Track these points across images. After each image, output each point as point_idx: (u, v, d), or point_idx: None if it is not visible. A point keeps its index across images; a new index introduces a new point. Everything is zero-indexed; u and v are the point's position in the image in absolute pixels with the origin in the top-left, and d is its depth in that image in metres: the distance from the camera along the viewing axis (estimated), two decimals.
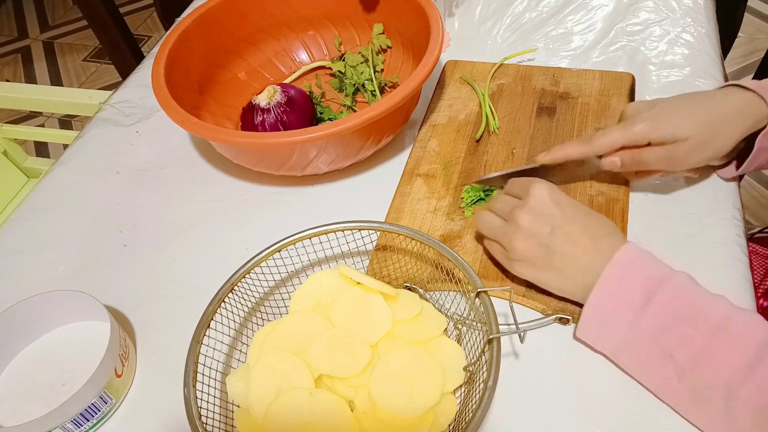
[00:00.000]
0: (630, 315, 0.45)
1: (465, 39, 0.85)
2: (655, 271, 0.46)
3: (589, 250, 0.48)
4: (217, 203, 0.68)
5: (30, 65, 2.40)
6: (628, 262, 0.46)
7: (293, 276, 0.57)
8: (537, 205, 0.49)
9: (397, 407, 0.44)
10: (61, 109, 1.09)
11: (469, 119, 0.71)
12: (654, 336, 0.44)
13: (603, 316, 0.46)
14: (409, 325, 0.50)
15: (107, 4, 1.40)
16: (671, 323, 0.43)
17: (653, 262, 0.47)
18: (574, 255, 0.48)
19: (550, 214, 0.49)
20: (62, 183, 0.73)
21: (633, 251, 0.47)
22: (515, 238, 0.49)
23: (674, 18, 0.82)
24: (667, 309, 0.44)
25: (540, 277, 0.50)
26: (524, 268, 0.50)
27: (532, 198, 0.49)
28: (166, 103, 0.61)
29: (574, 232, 0.48)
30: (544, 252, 0.48)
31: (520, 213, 0.49)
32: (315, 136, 0.56)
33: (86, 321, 0.57)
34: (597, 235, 0.48)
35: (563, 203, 0.49)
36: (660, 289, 0.44)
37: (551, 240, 0.48)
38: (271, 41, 0.80)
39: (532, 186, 0.50)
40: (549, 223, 0.48)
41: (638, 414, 0.46)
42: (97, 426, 0.50)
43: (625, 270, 0.46)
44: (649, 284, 0.45)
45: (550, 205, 0.49)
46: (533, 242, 0.49)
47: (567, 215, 0.49)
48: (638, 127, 0.53)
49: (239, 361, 0.52)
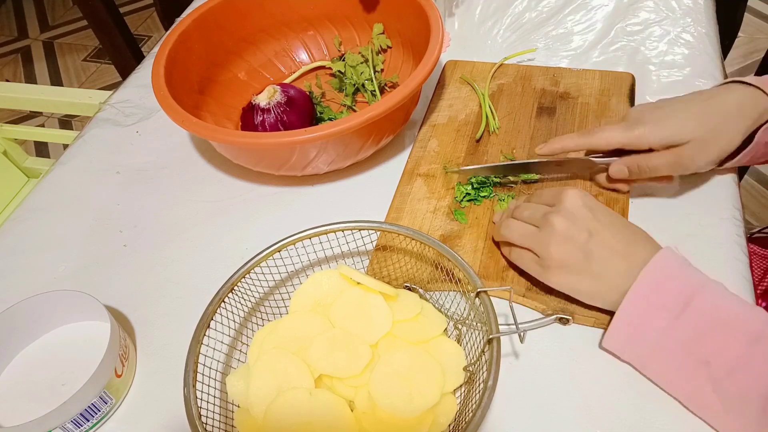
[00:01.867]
0: (665, 321, 0.44)
1: (465, 39, 0.85)
2: (692, 277, 0.45)
3: (625, 255, 0.47)
4: (217, 203, 0.68)
5: (30, 65, 2.40)
6: (666, 267, 0.45)
7: (293, 276, 0.57)
8: (572, 209, 0.48)
9: (397, 407, 0.44)
10: (61, 109, 1.09)
11: (469, 119, 0.71)
12: (689, 343, 0.43)
13: (636, 321, 0.45)
14: (409, 325, 0.50)
15: (107, 4, 1.40)
16: (708, 330, 0.43)
17: (690, 269, 0.46)
18: (611, 260, 0.47)
19: (586, 219, 0.48)
20: (62, 183, 0.73)
21: (670, 257, 0.46)
22: (552, 243, 0.48)
23: (674, 18, 0.82)
24: (705, 316, 0.43)
25: (576, 283, 0.49)
26: (560, 275, 0.49)
27: (566, 203, 0.49)
28: (166, 103, 0.61)
29: (610, 238, 0.47)
30: (582, 257, 0.47)
31: (556, 217, 0.48)
32: (315, 136, 0.56)
33: (86, 321, 0.57)
34: (633, 242, 0.48)
35: (597, 209, 0.49)
36: (697, 296, 0.43)
37: (589, 244, 0.47)
38: (271, 41, 0.80)
39: (565, 192, 0.50)
40: (586, 228, 0.48)
41: (638, 414, 0.46)
42: (97, 426, 0.50)
43: (663, 275, 0.45)
44: (687, 290, 0.44)
45: (584, 210, 0.48)
46: (570, 246, 0.48)
47: (602, 221, 0.48)
48: (639, 131, 0.53)
49: (239, 361, 0.52)
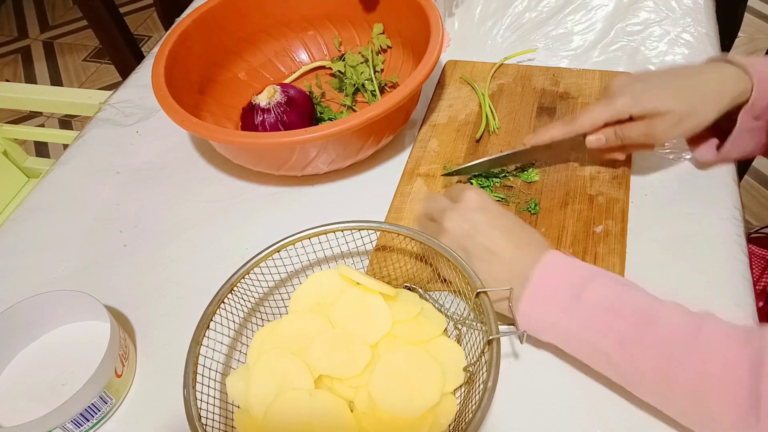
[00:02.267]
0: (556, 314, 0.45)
1: (465, 39, 0.84)
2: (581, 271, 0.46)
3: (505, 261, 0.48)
4: (217, 203, 0.68)
5: (30, 65, 2.40)
6: (556, 265, 0.47)
7: (293, 276, 0.57)
8: (462, 208, 0.50)
9: (397, 407, 0.44)
10: (61, 109, 1.10)
11: (469, 119, 0.71)
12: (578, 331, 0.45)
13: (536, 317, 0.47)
14: (409, 325, 0.50)
15: (107, 4, 1.40)
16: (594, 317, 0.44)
17: (578, 265, 0.47)
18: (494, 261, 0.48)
19: (475, 220, 0.49)
20: (62, 183, 0.73)
21: (557, 256, 0.47)
22: (441, 239, 0.50)
23: (674, 18, 0.82)
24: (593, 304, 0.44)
25: None
26: None
27: (462, 201, 0.50)
28: (166, 103, 0.61)
29: (495, 240, 0.48)
30: (464, 255, 0.49)
31: (448, 215, 0.50)
32: (315, 136, 0.56)
33: (86, 321, 0.57)
34: (520, 245, 0.48)
35: (492, 210, 0.50)
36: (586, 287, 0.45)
37: (469, 244, 0.49)
38: (271, 41, 0.80)
39: (465, 192, 0.51)
40: (472, 228, 0.49)
41: (638, 414, 0.46)
42: (97, 426, 0.50)
43: (554, 273, 0.46)
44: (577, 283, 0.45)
45: (476, 210, 0.50)
46: (455, 245, 0.49)
47: (494, 223, 0.49)
48: (620, 102, 0.53)
49: (239, 362, 0.52)
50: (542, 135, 0.58)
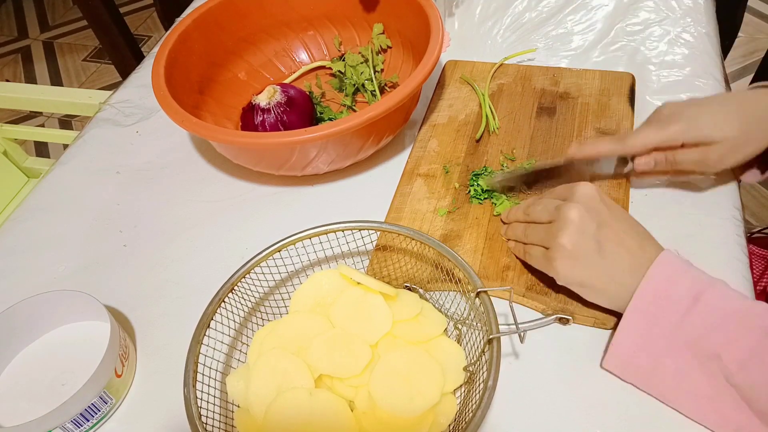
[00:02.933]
0: (676, 315, 0.44)
1: (465, 39, 0.84)
2: (698, 275, 0.45)
3: (634, 252, 0.47)
4: (217, 203, 0.68)
5: (30, 65, 2.40)
6: (674, 263, 0.46)
7: (293, 276, 0.57)
8: (585, 200, 0.48)
9: (397, 407, 0.44)
10: (61, 109, 1.09)
11: (469, 119, 0.71)
12: (699, 338, 0.43)
13: (649, 319, 0.45)
14: (409, 325, 0.50)
15: (107, 4, 1.40)
16: (719, 325, 0.42)
17: (694, 267, 0.46)
18: (621, 254, 0.47)
19: (600, 210, 0.48)
20: (62, 183, 0.73)
21: (673, 257, 0.46)
22: (563, 234, 0.47)
23: (674, 18, 0.82)
24: (715, 311, 0.43)
25: (583, 276, 0.48)
26: (568, 267, 0.48)
27: (578, 195, 0.49)
28: (166, 103, 0.61)
29: (622, 234, 0.47)
30: (593, 248, 0.47)
31: (570, 207, 0.48)
32: (315, 136, 0.56)
33: (86, 321, 0.57)
34: (643, 241, 0.48)
35: (609, 203, 0.49)
36: (707, 290, 0.44)
37: (600, 236, 0.47)
38: (271, 41, 0.80)
39: (578, 185, 0.50)
40: (598, 219, 0.48)
41: (638, 414, 0.46)
42: (97, 426, 0.50)
43: (670, 271, 0.45)
44: (695, 287, 0.44)
45: (597, 202, 0.48)
46: (583, 237, 0.47)
47: (615, 215, 0.48)
48: (673, 128, 0.52)
49: (239, 361, 0.52)
50: (589, 148, 0.56)
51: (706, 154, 0.52)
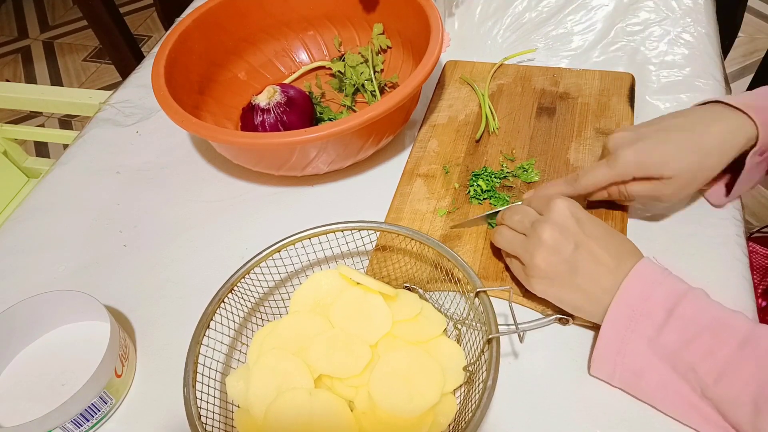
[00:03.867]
0: (651, 329, 0.43)
1: (465, 39, 0.85)
2: (674, 285, 0.45)
3: (612, 270, 0.46)
4: (217, 203, 0.68)
5: (30, 65, 2.40)
6: (647, 276, 0.45)
7: (293, 276, 0.57)
8: (560, 220, 0.48)
9: (397, 407, 0.44)
10: (61, 109, 1.10)
11: (469, 119, 0.71)
12: (676, 350, 0.43)
13: (623, 333, 0.45)
14: (409, 325, 0.50)
15: (107, 4, 1.40)
16: (695, 336, 0.42)
17: (670, 277, 0.45)
18: (597, 274, 0.46)
19: (574, 230, 0.47)
20: (62, 183, 0.73)
21: (649, 266, 0.46)
22: (537, 254, 0.47)
23: (674, 18, 0.82)
24: (691, 322, 0.43)
25: (560, 295, 0.48)
26: (544, 285, 0.48)
27: (554, 213, 0.48)
28: (166, 103, 0.61)
29: (597, 251, 0.47)
30: (567, 270, 0.47)
31: (543, 227, 0.48)
32: (315, 137, 0.56)
33: (86, 321, 0.57)
34: (620, 255, 0.47)
35: (585, 220, 0.48)
36: (681, 303, 0.43)
37: (575, 257, 0.47)
38: (271, 41, 0.80)
39: (554, 201, 0.49)
40: (573, 240, 0.47)
41: (638, 413, 0.46)
42: (97, 426, 0.50)
43: (645, 284, 0.45)
44: (670, 297, 0.44)
45: (572, 221, 0.47)
46: (556, 259, 0.47)
47: (590, 233, 0.47)
48: (621, 165, 0.51)
49: (239, 361, 0.52)
50: (542, 193, 0.55)
51: (659, 188, 0.51)
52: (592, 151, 0.65)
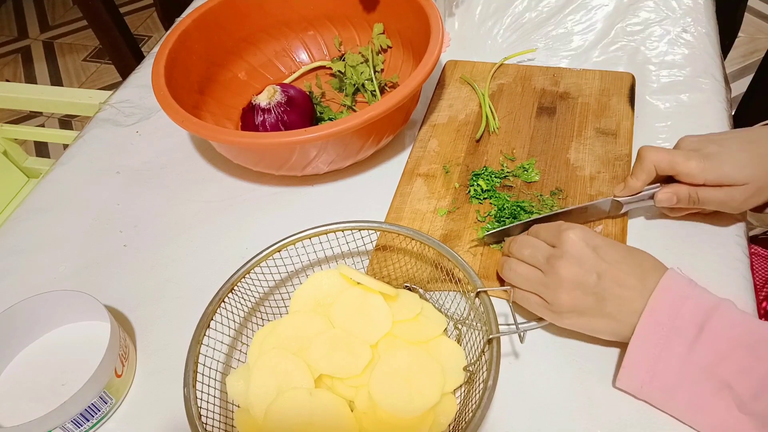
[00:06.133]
0: (683, 347, 0.42)
1: (465, 39, 0.84)
2: (702, 298, 0.44)
3: (639, 290, 0.45)
4: (217, 203, 0.68)
5: (30, 65, 2.40)
6: (674, 291, 0.44)
7: (293, 276, 0.57)
8: (576, 252, 0.46)
9: (397, 407, 0.44)
10: (61, 109, 1.10)
11: (469, 119, 0.71)
12: (710, 367, 0.42)
13: (653, 352, 0.43)
14: (409, 325, 0.50)
15: (107, 4, 1.40)
16: (729, 352, 0.41)
17: (698, 289, 0.45)
18: (626, 298, 0.45)
19: (592, 260, 0.46)
20: (62, 183, 0.73)
21: (676, 279, 0.45)
22: (560, 293, 0.46)
23: (674, 18, 0.82)
24: (722, 337, 0.42)
25: (591, 325, 0.47)
26: (573, 319, 0.47)
27: (566, 245, 0.47)
28: (166, 103, 0.61)
29: (621, 276, 0.46)
30: (594, 300, 0.46)
31: (560, 263, 0.46)
32: (315, 136, 0.56)
33: (86, 321, 0.57)
34: (644, 273, 0.46)
35: (601, 246, 0.47)
36: (711, 317, 0.42)
37: (600, 287, 0.45)
38: (271, 41, 0.80)
39: (564, 232, 0.47)
40: (594, 270, 0.46)
41: (638, 413, 0.46)
42: (97, 426, 0.50)
43: (673, 299, 0.44)
44: (700, 312, 0.43)
45: (588, 251, 0.46)
46: (581, 292, 0.46)
47: (609, 259, 0.46)
48: (698, 163, 0.50)
49: (239, 361, 0.52)
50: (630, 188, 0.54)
51: (731, 196, 0.51)
52: (592, 150, 0.65)
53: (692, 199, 0.52)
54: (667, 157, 0.52)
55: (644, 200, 0.55)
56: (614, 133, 0.66)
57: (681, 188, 0.52)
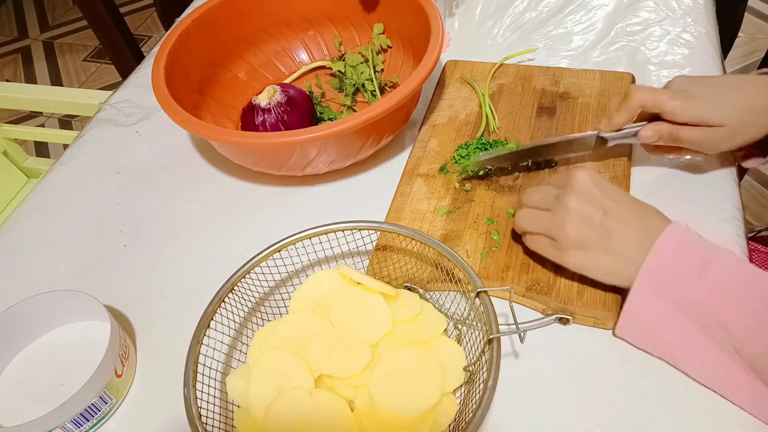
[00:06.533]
0: (683, 288, 0.44)
1: (465, 39, 0.85)
2: (707, 244, 0.46)
3: (642, 229, 0.47)
4: (217, 203, 0.68)
5: (30, 65, 2.40)
6: (682, 234, 0.46)
7: (293, 276, 0.57)
8: (583, 187, 0.49)
9: (397, 407, 0.44)
10: (61, 109, 1.10)
11: (469, 119, 0.71)
12: (707, 307, 0.44)
13: (655, 291, 0.45)
14: (409, 325, 0.50)
15: (107, 4, 1.40)
16: (728, 294, 0.43)
17: (702, 240, 0.47)
18: (629, 234, 0.47)
19: (599, 196, 0.48)
20: (62, 183, 0.73)
21: (681, 229, 0.47)
22: (567, 224, 0.48)
23: (674, 18, 0.82)
24: (723, 280, 0.44)
25: (595, 262, 0.49)
26: (579, 255, 0.49)
27: (576, 182, 0.49)
28: (166, 103, 0.61)
29: (625, 214, 0.48)
30: (601, 234, 0.48)
31: (569, 197, 0.48)
32: (315, 136, 0.56)
33: (86, 321, 0.57)
34: (647, 216, 0.48)
35: (607, 187, 0.50)
36: (715, 261, 0.44)
37: (606, 222, 0.48)
38: (271, 41, 0.80)
39: (574, 172, 0.50)
40: (600, 205, 0.48)
41: (639, 414, 0.46)
42: (97, 426, 0.50)
43: (681, 241, 0.46)
44: (705, 255, 0.45)
45: (595, 188, 0.49)
46: (587, 226, 0.48)
47: (615, 198, 0.49)
48: (681, 102, 0.53)
49: (239, 361, 0.52)
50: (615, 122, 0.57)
51: (708, 135, 0.53)
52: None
53: (672, 137, 0.55)
54: (653, 96, 0.54)
55: (628, 137, 0.58)
56: None
57: (662, 125, 0.55)
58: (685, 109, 0.53)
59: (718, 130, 0.53)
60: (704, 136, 0.54)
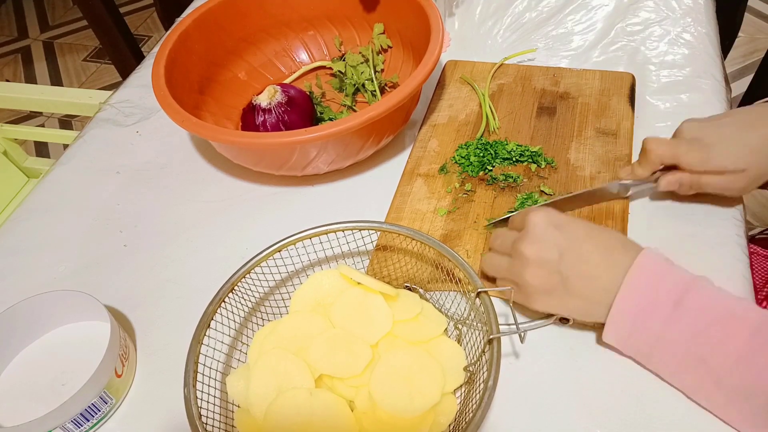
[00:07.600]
0: (659, 323, 0.43)
1: (465, 39, 0.84)
2: (678, 275, 0.44)
3: (605, 267, 0.45)
4: (217, 203, 0.68)
5: (30, 65, 2.40)
6: (651, 267, 0.44)
7: (293, 276, 0.57)
8: (537, 232, 0.47)
9: (397, 407, 0.44)
10: (61, 109, 1.10)
11: (469, 119, 0.71)
12: (686, 342, 0.43)
13: (629, 325, 0.45)
14: (409, 325, 0.50)
15: (107, 4, 1.40)
16: (705, 328, 0.42)
17: (674, 267, 0.45)
18: (590, 275, 0.45)
19: (555, 239, 0.46)
20: (62, 183, 0.73)
21: (653, 257, 0.45)
22: (526, 273, 0.47)
23: (674, 18, 0.82)
24: (699, 314, 0.42)
25: (563, 305, 0.47)
26: (543, 300, 0.48)
27: (529, 226, 0.47)
28: (166, 103, 0.61)
29: (584, 253, 0.46)
30: (560, 279, 0.46)
31: (522, 244, 0.47)
32: (315, 136, 0.56)
33: (86, 321, 0.57)
34: (610, 250, 0.46)
35: (564, 225, 0.47)
36: (688, 294, 0.43)
37: (563, 265, 0.46)
38: (271, 41, 0.80)
39: (528, 215, 0.48)
40: (556, 249, 0.46)
41: (639, 414, 0.46)
42: (97, 426, 0.50)
43: (649, 276, 0.44)
44: (676, 289, 0.43)
45: (551, 230, 0.47)
46: (545, 271, 0.46)
47: (572, 236, 0.47)
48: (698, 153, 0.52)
49: (239, 361, 0.52)
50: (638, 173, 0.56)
51: (730, 180, 0.52)
52: (592, 150, 0.65)
53: (694, 186, 0.55)
54: (670, 151, 0.54)
55: (649, 184, 0.58)
56: (614, 133, 0.66)
57: (684, 176, 0.55)
58: (703, 161, 0.52)
59: (740, 176, 0.52)
60: (728, 183, 0.53)
